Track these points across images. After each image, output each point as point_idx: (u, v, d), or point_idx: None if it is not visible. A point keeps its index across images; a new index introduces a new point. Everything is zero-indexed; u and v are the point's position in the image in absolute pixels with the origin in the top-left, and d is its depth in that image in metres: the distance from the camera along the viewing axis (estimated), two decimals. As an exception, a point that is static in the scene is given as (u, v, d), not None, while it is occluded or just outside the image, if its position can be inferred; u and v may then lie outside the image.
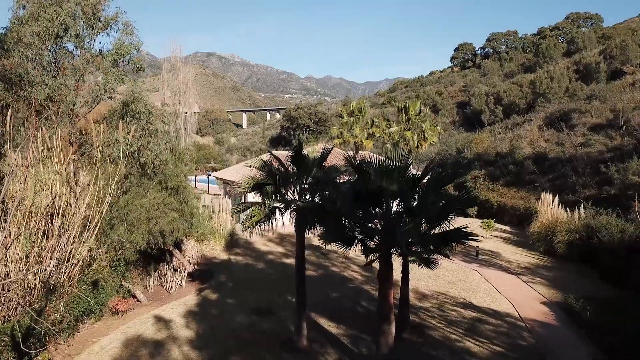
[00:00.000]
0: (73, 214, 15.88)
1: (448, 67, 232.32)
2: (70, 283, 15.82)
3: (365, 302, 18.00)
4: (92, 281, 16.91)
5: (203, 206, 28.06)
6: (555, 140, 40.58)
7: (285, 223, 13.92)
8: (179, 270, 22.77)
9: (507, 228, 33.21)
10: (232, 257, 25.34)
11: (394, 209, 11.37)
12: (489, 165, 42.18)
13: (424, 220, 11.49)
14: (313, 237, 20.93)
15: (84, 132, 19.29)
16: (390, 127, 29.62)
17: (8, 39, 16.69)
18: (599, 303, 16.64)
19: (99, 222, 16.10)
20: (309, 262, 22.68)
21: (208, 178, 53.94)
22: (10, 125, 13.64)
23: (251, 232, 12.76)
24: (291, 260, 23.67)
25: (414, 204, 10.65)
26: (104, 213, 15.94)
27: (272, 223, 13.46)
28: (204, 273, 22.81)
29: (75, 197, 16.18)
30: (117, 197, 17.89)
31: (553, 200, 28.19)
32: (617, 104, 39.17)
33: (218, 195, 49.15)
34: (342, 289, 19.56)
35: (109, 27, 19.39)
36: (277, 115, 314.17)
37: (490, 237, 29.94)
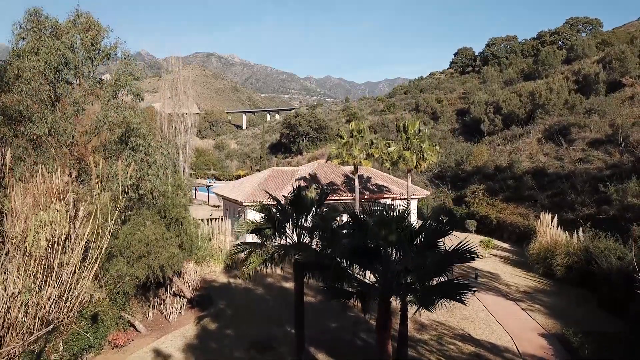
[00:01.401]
0: (72, 249, 15.93)
1: (448, 69, 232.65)
2: (69, 319, 15.87)
3: (364, 334, 18.03)
4: (91, 315, 16.98)
5: (203, 221, 28.13)
6: (554, 155, 40.63)
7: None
8: (178, 295, 22.84)
9: (506, 246, 33.26)
10: (231, 280, 25.39)
11: (393, 255, 11.43)
12: (488, 179, 42.24)
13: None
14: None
15: (82, 160, 19.31)
16: (389, 147, 29.60)
17: (8, 73, 16.71)
18: (597, 338, 16.67)
19: (99, 258, 16.13)
20: (308, 287, 22.74)
21: (208, 189, 53.98)
22: (7, 166, 13.70)
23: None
24: (290, 284, 23.68)
25: (412, 262, 10.65)
26: (103, 249, 15.97)
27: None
28: (204, 299, 22.84)
29: (75, 230, 16.22)
30: (117, 226, 17.93)
31: (552, 220, 28.28)
32: (616, 119, 39.22)
33: (218, 206, 49.21)
34: (341, 319, 19.55)
35: (109, 57, 19.42)
36: (277, 116, 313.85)
37: (489, 257, 29.97)
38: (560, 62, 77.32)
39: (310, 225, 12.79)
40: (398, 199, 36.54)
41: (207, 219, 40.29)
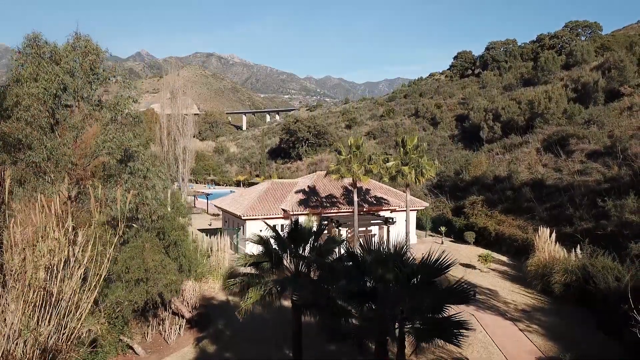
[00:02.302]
0: (71, 276, 16.00)
1: (448, 69, 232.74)
2: (68, 346, 15.94)
3: (362, 358, 18.09)
4: (90, 340, 17.02)
5: (202, 232, 28.14)
6: (553, 166, 40.72)
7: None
8: (177, 314, 22.90)
9: (504, 259, 33.31)
10: (230, 297, 25.44)
11: (390, 294, 11.48)
12: (487, 190, 42.32)
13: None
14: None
15: (81, 182, 19.36)
16: (387, 162, 29.67)
17: (7, 100, 16.78)
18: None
19: (98, 285, 16.19)
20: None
21: (207, 197, 54.03)
22: (6, 196, 13.72)
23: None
24: (288, 302, 23.73)
25: (408, 303, 10.71)
26: (102, 276, 16.03)
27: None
28: (203, 318, 22.90)
29: (74, 256, 16.28)
30: (116, 251, 17.98)
31: (550, 235, 28.37)
32: (615, 130, 39.31)
33: (218, 215, 49.14)
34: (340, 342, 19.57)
35: (108, 80, 19.49)
36: (277, 117, 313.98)
37: (488, 271, 30.05)
38: (560, 68, 77.46)
39: (308, 258, 12.85)
40: (397, 211, 36.64)
41: (206, 232, 40.42)
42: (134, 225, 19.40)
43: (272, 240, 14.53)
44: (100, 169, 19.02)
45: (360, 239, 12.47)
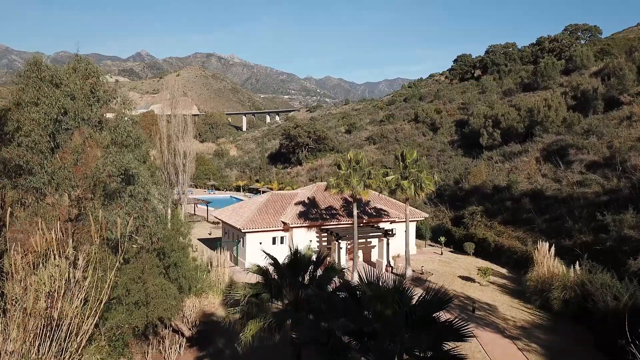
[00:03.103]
0: (71, 301, 16.09)
1: (448, 70, 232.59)
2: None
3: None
4: (91, 364, 17.10)
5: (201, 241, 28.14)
6: (552, 176, 40.79)
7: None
8: (178, 332, 22.99)
9: (504, 271, 33.38)
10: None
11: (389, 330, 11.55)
12: (487, 199, 42.41)
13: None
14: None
15: (82, 203, 19.43)
16: (387, 176, 29.74)
17: (8, 126, 16.86)
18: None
19: (99, 310, 16.27)
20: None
21: (207, 205, 54.08)
22: (7, 222, 13.83)
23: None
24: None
25: (407, 339, 10.79)
26: (103, 301, 16.12)
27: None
28: (203, 336, 22.99)
29: (75, 280, 16.37)
30: (116, 275, 18.03)
31: (549, 250, 28.46)
32: (614, 141, 39.38)
33: (218, 223, 49.15)
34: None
35: (108, 102, 19.58)
36: (277, 118, 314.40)
37: (487, 284, 30.09)
38: (559, 73, 77.54)
39: (307, 292, 12.92)
40: (397, 222, 36.71)
41: (206, 242, 40.50)
42: (135, 245, 19.49)
43: (271, 269, 14.62)
44: (101, 191, 19.09)
45: (361, 271, 12.63)
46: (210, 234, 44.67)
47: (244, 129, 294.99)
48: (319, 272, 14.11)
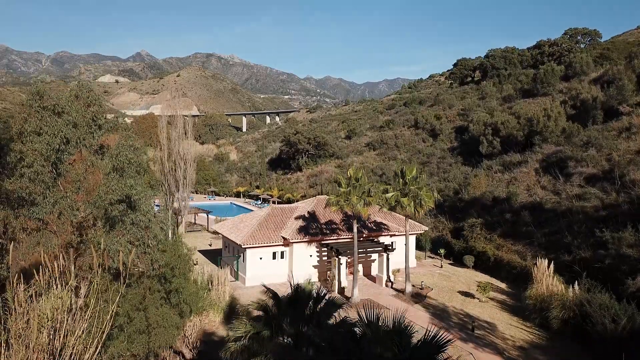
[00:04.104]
0: (73, 331, 16.25)
1: (448, 70, 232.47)
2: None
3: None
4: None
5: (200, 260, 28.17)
6: (551, 189, 40.92)
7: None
8: (179, 354, 23.16)
9: (503, 286, 33.52)
10: (231, 333, 25.67)
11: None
12: (486, 211, 42.55)
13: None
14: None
15: (84, 230, 19.56)
16: (387, 192, 29.88)
17: (11, 157, 16.99)
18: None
19: (100, 341, 16.41)
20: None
21: (207, 215, 54.19)
22: (10, 259, 13.94)
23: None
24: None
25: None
26: (105, 332, 16.27)
27: None
28: (204, 357, 23.13)
29: (76, 308, 16.52)
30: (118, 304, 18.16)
31: (549, 266, 28.62)
32: (613, 154, 39.51)
33: (218, 233, 49.14)
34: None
35: (109, 130, 19.72)
36: (277, 119, 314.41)
37: (486, 300, 30.22)
38: (559, 80, 77.65)
39: (307, 332, 13.05)
40: (397, 235, 36.85)
41: (207, 254, 40.61)
42: (137, 269, 19.62)
43: (270, 303, 14.75)
44: (102, 218, 19.23)
45: (361, 311, 12.79)
46: (210, 245, 44.80)
47: (244, 129, 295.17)
48: (321, 303, 14.25)
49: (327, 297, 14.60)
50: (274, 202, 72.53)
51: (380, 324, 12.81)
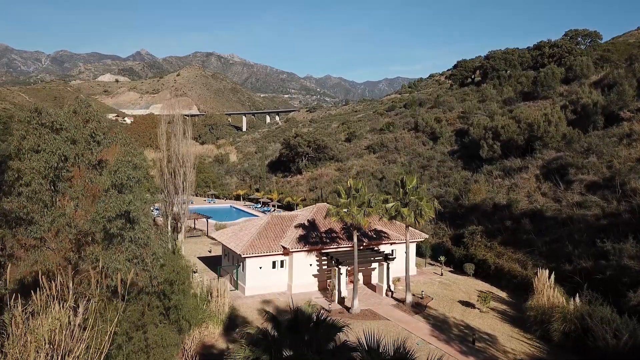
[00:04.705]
0: (71, 351, 16.15)
1: (448, 70, 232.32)
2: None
3: None
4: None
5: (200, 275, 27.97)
6: (552, 196, 40.82)
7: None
8: (177, 368, 23.05)
9: (503, 295, 33.41)
10: (230, 345, 25.57)
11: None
12: (487, 218, 42.44)
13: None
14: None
15: (82, 250, 19.44)
16: (387, 202, 29.76)
17: (8, 176, 16.87)
18: None
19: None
20: None
21: (207, 220, 54.05)
22: (8, 272, 13.88)
23: None
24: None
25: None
26: (103, 354, 16.16)
27: None
28: (202, 372, 23.04)
29: (75, 327, 16.43)
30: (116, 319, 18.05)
31: (549, 277, 28.53)
32: (614, 161, 39.40)
33: (216, 240, 48.96)
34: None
35: (108, 146, 19.60)
36: (277, 118, 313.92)
37: (487, 311, 30.10)
38: (559, 83, 77.50)
39: (309, 343, 12.99)
40: (397, 243, 36.75)
41: (206, 261, 40.49)
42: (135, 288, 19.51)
43: (270, 327, 14.65)
44: (101, 235, 19.11)
45: (362, 338, 12.72)
46: (210, 252, 44.70)
47: (244, 129, 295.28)
48: (322, 326, 14.14)
49: (327, 319, 14.49)
50: (273, 206, 72.50)
51: (381, 350, 12.73)
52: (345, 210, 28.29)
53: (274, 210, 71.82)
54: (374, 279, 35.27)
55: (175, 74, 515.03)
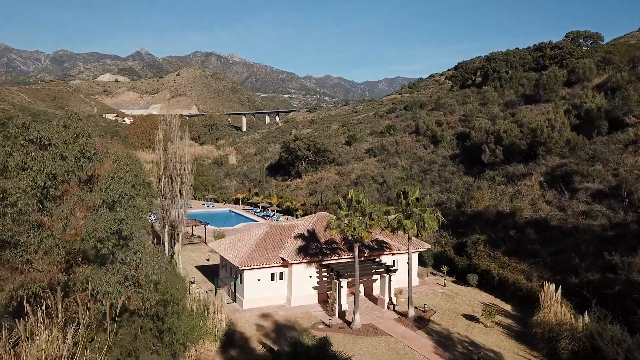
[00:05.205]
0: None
1: (448, 70, 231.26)
2: None
3: None
4: None
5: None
6: (557, 204, 40.01)
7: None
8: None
9: (508, 308, 32.57)
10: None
11: None
12: (490, 226, 41.64)
13: None
14: None
15: (71, 271, 18.61)
16: (389, 214, 28.96)
17: (-7, 196, 16.05)
18: None
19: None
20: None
21: (205, 227, 53.24)
22: None
23: None
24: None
25: None
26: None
27: None
28: (199, 394, 22.26)
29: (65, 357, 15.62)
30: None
31: (556, 291, 27.77)
32: (620, 169, 38.58)
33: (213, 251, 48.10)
34: None
35: (100, 161, 18.79)
36: (276, 118, 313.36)
37: (492, 326, 29.27)
38: (562, 86, 76.69)
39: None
40: (399, 254, 35.97)
41: (203, 271, 39.62)
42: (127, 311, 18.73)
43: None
44: (92, 255, 18.32)
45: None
46: (208, 260, 43.87)
47: (244, 129, 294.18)
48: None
49: (329, 352, 13.72)
50: (273, 211, 71.63)
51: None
52: (346, 222, 27.50)
53: (273, 215, 70.97)
54: (375, 291, 34.46)
55: (174, 74, 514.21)
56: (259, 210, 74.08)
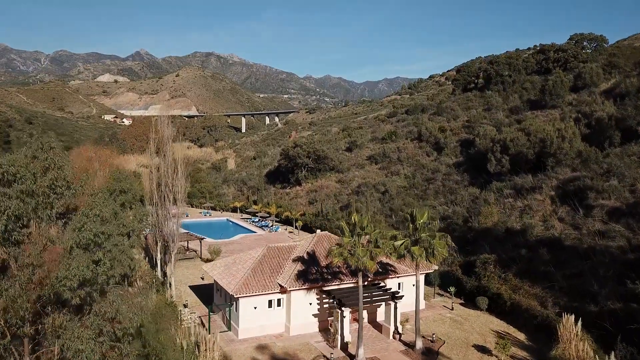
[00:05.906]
0: None
1: (448, 71, 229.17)
2: None
3: None
4: None
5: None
6: (570, 222, 37.90)
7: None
8: None
9: (522, 337, 30.44)
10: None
11: None
12: (499, 244, 39.54)
13: None
14: None
15: (40, 322, 16.48)
16: (395, 240, 26.87)
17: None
18: None
19: None
20: None
21: (201, 242, 51.15)
22: None
23: None
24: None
25: None
26: None
27: None
28: None
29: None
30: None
31: (576, 323, 25.74)
32: (638, 185, 36.52)
33: (210, 262, 45.97)
34: None
35: (73, 197, 16.70)
36: (276, 119, 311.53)
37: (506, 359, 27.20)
38: (568, 91, 74.59)
39: None
40: (405, 276, 33.96)
41: (198, 291, 37.48)
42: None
43: None
44: (61, 305, 16.24)
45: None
46: (202, 279, 41.72)
47: (243, 130, 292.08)
48: None
49: None
50: (271, 221, 69.50)
51: None
52: (349, 250, 25.43)
53: (272, 225, 68.82)
54: (380, 317, 32.40)
55: (174, 74, 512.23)
56: (257, 220, 71.91)
